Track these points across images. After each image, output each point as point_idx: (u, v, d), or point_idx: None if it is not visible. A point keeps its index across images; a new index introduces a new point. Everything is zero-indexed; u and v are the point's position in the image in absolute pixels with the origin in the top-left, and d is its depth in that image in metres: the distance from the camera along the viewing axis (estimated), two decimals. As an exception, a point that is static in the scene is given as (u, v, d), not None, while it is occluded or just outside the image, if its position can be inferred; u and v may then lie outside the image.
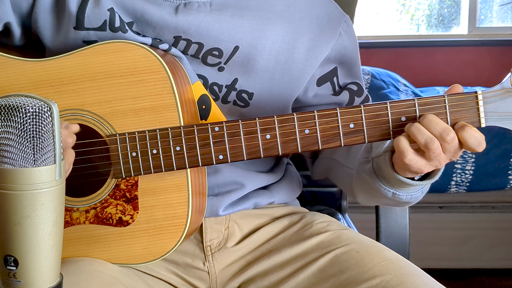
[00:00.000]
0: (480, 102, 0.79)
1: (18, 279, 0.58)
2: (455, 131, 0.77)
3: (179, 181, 0.84)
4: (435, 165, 0.79)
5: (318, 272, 0.88)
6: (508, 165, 2.19)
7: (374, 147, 0.88)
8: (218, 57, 0.91)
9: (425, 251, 2.29)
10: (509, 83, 0.78)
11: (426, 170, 0.79)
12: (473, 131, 0.77)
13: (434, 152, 0.76)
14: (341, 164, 0.98)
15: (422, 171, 0.80)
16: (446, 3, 3.16)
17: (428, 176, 0.85)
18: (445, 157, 0.78)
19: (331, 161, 1.02)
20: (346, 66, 1.00)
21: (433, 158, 0.77)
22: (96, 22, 0.89)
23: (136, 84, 0.83)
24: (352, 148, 0.96)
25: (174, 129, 0.82)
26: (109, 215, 0.85)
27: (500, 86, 0.79)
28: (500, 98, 0.79)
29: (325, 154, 1.04)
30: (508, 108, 0.78)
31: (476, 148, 0.77)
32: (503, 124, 0.79)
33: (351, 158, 0.95)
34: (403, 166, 0.80)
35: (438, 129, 0.76)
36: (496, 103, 0.79)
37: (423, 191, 0.87)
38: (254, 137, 0.82)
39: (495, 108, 0.79)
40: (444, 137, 0.76)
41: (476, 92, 0.79)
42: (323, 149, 1.03)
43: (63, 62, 0.85)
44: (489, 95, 0.79)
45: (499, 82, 0.79)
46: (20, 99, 0.57)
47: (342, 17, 0.99)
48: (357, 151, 0.93)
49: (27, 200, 0.57)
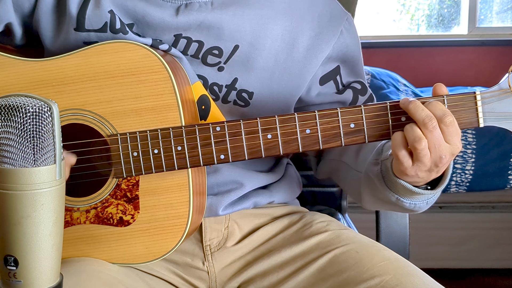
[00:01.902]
0: (479, 103, 0.80)
1: (18, 279, 0.58)
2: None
3: (180, 180, 0.84)
4: (421, 167, 0.78)
5: (317, 272, 0.88)
6: (508, 165, 2.20)
7: (384, 150, 0.88)
8: (218, 56, 0.91)
9: (425, 251, 2.29)
10: (506, 84, 0.79)
11: (412, 172, 0.79)
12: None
13: (430, 131, 0.76)
14: (350, 167, 0.98)
15: (408, 174, 0.80)
16: (446, 3, 3.16)
17: (436, 187, 0.84)
18: (429, 159, 0.78)
19: (339, 163, 1.01)
20: (348, 64, 1.00)
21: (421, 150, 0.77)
22: (97, 24, 0.89)
23: (137, 84, 0.83)
24: (361, 151, 0.96)
25: (175, 129, 0.82)
26: (109, 215, 0.85)
27: (498, 86, 0.80)
28: (498, 98, 0.79)
29: (332, 156, 1.04)
30: (505, 108, 0.79)
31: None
32: (500, 124, 0.80)
33: (361, 161, 0.95)
34: (396, 162, 0.80)
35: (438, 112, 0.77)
36: (494, 103, 0.80)
37: (428, 203, 0.87)
38: (255, 137, 0.82)
39: (493, 108, 0.80)
40: (443, 119, 0.76)
41: (474, 93, 0.80)
42: (330, 150, 1.04)
43: (64, 62, 0.85)
44: (487, 95, 0.80)
45: (498, 82, 0.80)
46: (20, 99, 0.57)
47: (343, 15, 0.99)
48: (367, 154, 0.93)
49: (27, 200, 0.57)
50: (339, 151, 1.01)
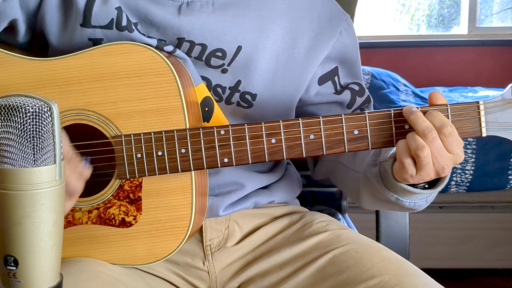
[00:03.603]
0: (482, 112, 0.81)
1: (18, 279, 0.58)
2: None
3: (183, 183, 0.84)
4: (423, 176, 0.79)
5: (317, 272, 0.88)
6: (508, 165, 2.20)
7: (383, 151, 0.88)
8: (222, 58, 0.91)
9: (425, 251, 2.29)
10: (509, 94, 0.80)
11: (415, 180, 0.80)
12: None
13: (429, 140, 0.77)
14: (348, 167, 0.98)
15: (408, 180, 0.80)
16: (446, 3, 3.16)
17: (434, 185, 0.85)
18: (432, 168, 0.78)
19: (337, 164, 1.02)
20: (346, 65, 1.00)
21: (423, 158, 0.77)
22: (103, 20, 0.89)
23: (143, 85, 0.83)
24: (359, 152, 0.96)
25: (179, 131, 0.82)
26: (112, 215, 0.85)
27: (501, 97, 0.81)
28: (501, 108, 0.80)
29: (329, 157, 1.04)
30: (508, 118, 0.81)
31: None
32: (503, 134, 0.81)
33: (358, 161, 0.95)
34: (401, 170, 0.80)
35: (437, 122, 0.78)
36: (497, 113, 0.81)
37: (427, 200, 0.87)
38: (259, 141, 0.83)
39: (496, 118, 0.81)
40: (442, 129, 0.77)
41: (478, 102, 0.81)
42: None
43: (70, 62, 0.84)
44: (490, 105, 0.81)
45: (499, 83, 0.80)
46: (20, 99, 0.57)
47: (342, 16, 0.99)
48: (365, 155, 0.93)
49: (27, 200, 0.57)
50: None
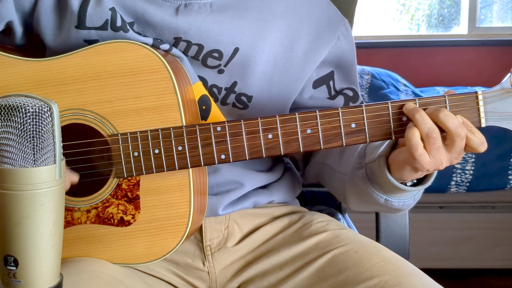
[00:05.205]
0: (480, 102, 0.79)
1: (18, 279, 0.58)
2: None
3: (181, 180, 0.84)
4: (437, 165, 0.78)
5: (316, 272, 0.88)
6: (508, 165, 2.19)
7: (368, 153, 0.88)
8: (218, 59, 0.91)
9: (425, 251, 2.29)
10: (508, 84, 0.79)
11: (431, 168, 0.78)
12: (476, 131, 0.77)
13: (434, 143, 0.76)
14: (334, 169, 0.98)
15: (423, 169, 0.79)
16: (446, 3, 3.16)
17: (421, 182, 0.85)
18: (447, 157, 0.78)
19: (323, 166, 1.02)
20: (342, 70, 1.00)
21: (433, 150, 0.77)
22: (98, 21, 0.89)
23: (138, 84, 0.83)
24: (344, 153, 0.96)
25: (176, 129, 0.82)
26: (110, 215, 0.85)
27: (500, 86, 0.79)
28: (500, 98, 0.79)
29: (316, 159, 1.04)
30: (507, 108, 0.79)
31: (479, 148, 0.77)
32: (502, 124, 0.80)
33: (344, 163, 0.95)
34: (409, 162, 0.79)
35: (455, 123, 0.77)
36: (496, 103, 0.79)
37: (415, 199, 0.88)
38: (256, 137, 0.82)
39: (495, 108, 0.79)
40: (459, 133, 0.76)
41: (476, 92, 0.79)
42: (315, 153, 1.04)
43: (65, 62, 0.85)
44: (489, 95, 0.79)
45: (499, 82, 0.80)
46: (20, 99, 0.57)
47: (341, 20, 0.99)
48: (349, 157, 0.93)
49: (27, 200, 0.57)
50: (323, 153, 1.02)
